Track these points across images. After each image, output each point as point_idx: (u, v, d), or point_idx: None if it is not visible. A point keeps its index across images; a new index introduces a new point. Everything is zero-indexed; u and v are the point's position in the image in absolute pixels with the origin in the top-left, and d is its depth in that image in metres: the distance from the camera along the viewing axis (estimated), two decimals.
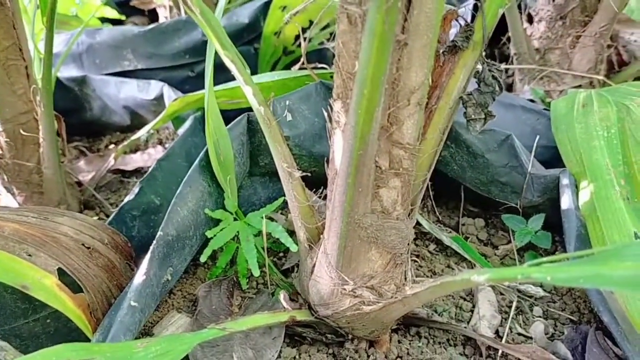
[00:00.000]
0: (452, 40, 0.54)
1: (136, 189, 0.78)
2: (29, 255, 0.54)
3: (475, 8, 0.53)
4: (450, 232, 0.79)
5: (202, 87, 1.17)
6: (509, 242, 0.78)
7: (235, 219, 0.67)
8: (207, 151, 0.68)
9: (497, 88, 0.54)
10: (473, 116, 0.55)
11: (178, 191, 0.62)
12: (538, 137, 0.77)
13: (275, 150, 0.60)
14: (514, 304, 0.68)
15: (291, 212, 0.63)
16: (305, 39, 0.98)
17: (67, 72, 1.16)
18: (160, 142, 1.12)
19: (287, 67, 1.27)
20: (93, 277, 0.58)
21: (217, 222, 0.67)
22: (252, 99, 0.57)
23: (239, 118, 0.73)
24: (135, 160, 1.06)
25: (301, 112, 0.77)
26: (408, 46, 0.48)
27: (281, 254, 0.75)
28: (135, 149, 1.12)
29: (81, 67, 1.16)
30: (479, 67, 0.55)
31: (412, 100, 0.51)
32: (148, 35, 1.12)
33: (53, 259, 0.55)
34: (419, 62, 0.49)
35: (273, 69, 1.26)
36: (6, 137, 0.85)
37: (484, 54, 0.54)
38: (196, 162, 0.67)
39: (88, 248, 0.60)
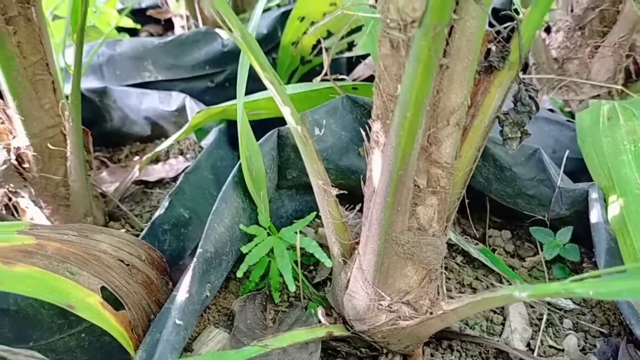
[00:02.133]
0: (488, 60, 0.55)
1: (166, 203, 0.79)
2: (72, 274, 0.55)
3: (512, 29, 0.54)
4: (477, 243, 0.80)
5: (222, 98, 1.18)
6: (536, 253, 0.79)
7: (268, 234, 0.67)
8: (239, 167, 0.69)
9: (533, 108, 0.54)
10: (510, 135, 0.56)
11: (214, 208, 0.63)
12: (568, 151, 0.77)
13: (311, 167, 0.61)
14: (545, 317, 0.69)
15: (325, 228, 0.64)
16: (324, 49, 0.98)
17: (88, 83, 1.17)
18: (182, 153, 1.12)
19: (305, 76, 1.28)
20: (133, 294, 0.59)
21: (250, 237, 0.68)
22: (290, 118, 0.58)
23: (269, 133, 0.74)
24: (158, 171, 1.07)
25: (328, 125, 0.78)
26: (449, 69, 0.49)
27: (311, 267, 0.76)
28: (156, 159, 1.13)
29: (102, 79, 1.17)
30: (515, 86, 0.56)
31: (451, 121, 0.52)
32: (168, 47, 1.13)
33: (96, 277, 0.56)
34: (459, 84, 0.50)
35: (290, 78, 1.27)
36: (34, 151, 0.86)
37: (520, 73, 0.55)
38: (230, 178, 0.68)
39: (127, 265, 0.61)
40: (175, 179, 1.07)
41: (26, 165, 0.88)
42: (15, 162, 0.87)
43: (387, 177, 0.51)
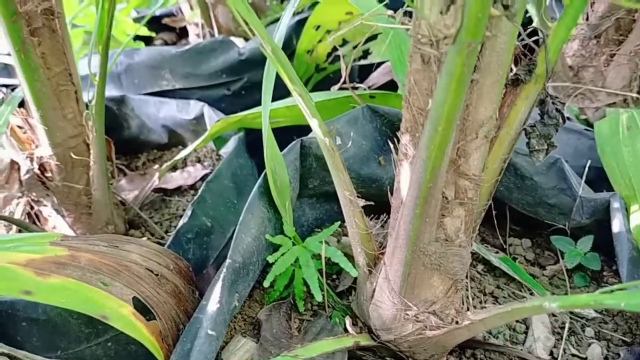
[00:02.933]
0: (515, 73, 0.56)
1: (189, 212, 0.80)
2: (105, 284, 0.56)
3: (535, 38, 0.55)
4: (497, 252, 0.81)
5: (238, 105, 1.19)
6: (556, 262, 0.80)
7: (293, 244, 0.68)
8: (264, 177, 0.70)
9: (560, 120, 0.55)
10: (536, 147, 0.56)
11: (241, 218, 0.64)
12: (589, 161, 0.78)
13: (338, 178, 0.62)
14: (567, 325, 0.69)
15: (350, 238, 0.65)
16: (342, 58, 1.00)
17: (106, 92, 1.17)
18: (199, 160, 1.13)
19: (319, 83, 1.29)
20: (163, 304, 0.60)
21: (275, 246, 0.68)
22: (317, 130, 0.59)
23: (292, 144, 0.75)
24: (176, 179, 1.08)
25: (349, 135, 0.79)
26: (479, 83, 0.50)
27: (334, 275, 0.77)
28: (174, 167, 1.14)
29: (120, 87, 1.19)
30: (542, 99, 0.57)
31: (480, 134, 0.52)
32: (185, 56, 1.14)
33: (127, 288, 0.57)
34: (488, 98, 0.51)
35: (305, 85, 1.28)
36: (57, 160, 0.87)
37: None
38: (255, 188, 0.69)
39: (156, 275, 0.62)
40: (193, 186, 1.08)
41: (49, 174, 0.89)
42: (38, 172, 0.88)
43: (415, 189, 0.52)
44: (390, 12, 0.93)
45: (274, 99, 0.92)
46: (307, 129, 0.82)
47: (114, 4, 0.74)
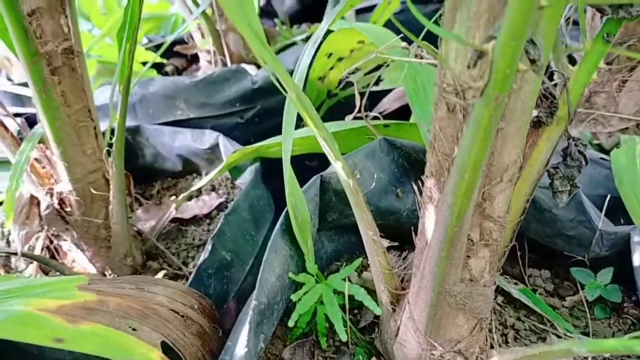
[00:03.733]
0: (537, 115, 0.57)
1: (209, 247, 0.81)
2: (134, 329, 0.56)
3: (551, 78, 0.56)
4: (517, 283, 0.81)
5: (251, 133, 1.21)
6: (575, 292, 0.80)
7: (316, 281, 0.69)
8: (286, 214, 0.70)
9: (583, 162, 0.56)
10: (560, 188, 0.57)
11: (265, 258, 0.65)
12: (609, 196, 0.78)
13: (361, 218, 0.62)
14: (590, 359, 0.69)
15: (374, 276, 0.65)
16: (356, 89, 1.01)
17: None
18: (214, 189, 1.14)
19: (330, 109, 1.30)
20: (190, 346, 0.60)
21: (298, 284, 0.69)
22: (341, 172, 0.59)
23: (312, 180, 0.76)
24: (191, 208, 1.09)
25: (367, 168, 0.80)
26: (503, 130, 0.50)
27: (355, 310, 0.77)
28: (189, 196, 1.14)
29: (135, 117, 1.20)
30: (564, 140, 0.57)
31: (504, 178, 0.53)
32: (200, 85, 1.16)
33: (155, 332, 0.58)
34: (512, 143, 0.51)
35: (317, 111, 1.28)
36: (76, 195, 0.88)
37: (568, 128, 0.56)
38: (277, 226, 0.69)
39: (182, 316, 0.63)
40: (208, 215, 1.09)
41: (68, 209, 0.90)
42: (58, 207, 0.89)
43: (441, 233, 0.52)
44: (404, 44, 0.95)
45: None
46: (318, 155, 0.83)
47: (135, 46, 0.76)
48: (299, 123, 1.15)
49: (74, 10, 0.82)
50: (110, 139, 0.85)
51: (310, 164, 1.19)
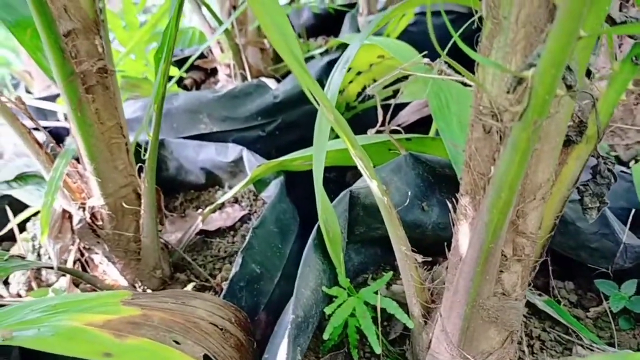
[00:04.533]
0: (567, 134, 0.58)
1: (239, 260, 0.83)
2: (177, 343, 0.58)
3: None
4: (541, 294, 0.83)
5: (272, 145, 1.23)
6: (599, 304, 0.81)
7: (349, 295, 0.71)
8: (317, 230, 0.72)
9: (612, 180, 0.57)
10: (589, 205, 0.59)
11: (299, 272, 0.66)
12: (633, 210, 0.80)
13: (394, 234, 0.64)
14: None
15: (406, 290, 0.67)
16: (378, 105, 1.03)
17: (145, 136, 1.21)
18: (236, 201, 1.16)
19: (349, 122, 1.32)
20: (229, 359, 0.62)
21: (330, 297, 0.71)
22: (376, 190, 0.61)
23: (342, 195, 0.78)
24: (216, 220, 1.11)
25: (394, 183, 0.82)
26: (538, 150, 0.52)
27: (385, 322, 0.79)
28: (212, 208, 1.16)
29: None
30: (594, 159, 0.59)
31: (537, 196, 0.55)
32: (223, 100, 1.18)
33: (198, 345, 0.59)
34: (546, 162, 0.53)
35: None
36: (108, 209, 0.90)
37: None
38: (310, 241, 0.71)
39: (221, 329, 0.65)
40: (232, 227, 1.11)
41: (100, 222, 0.92)
42: (90, 221, 0.91)
43: (476, 249, 0.54)
44: (426, 60, 0.97)
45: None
46: (335, 167, 0.84)
47: (169, 66, 0.78)
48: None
49: (107, 30, 0.85)
50: (142, 154, 0.87)
51: (329, 175, 1.22)
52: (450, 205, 0.60)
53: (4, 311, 0.60)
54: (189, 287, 0.92)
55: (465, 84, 0.93)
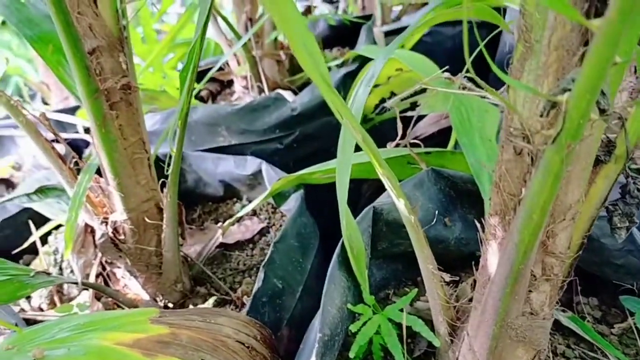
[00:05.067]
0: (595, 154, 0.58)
1: (261, 275, 0.83)
2: None
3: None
4: (565, 310, 0.82)
5: (290, 158, 1.23)
6: (623, 320, 0.81)
7: (374, 312, 0.71)
8: (342, 246, 0.73)
9: None
10: (619, 225, 0.58)
11: (325, 289, 0.67)
12: None
13: (421, 253, 0.64)
14: None
15: (432, 308, 0.67)
16: (398, 118, 1.03)
17: (164, 148, 1.22)
18: (255, 213, 1.17)
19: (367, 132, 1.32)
20: None
21: (354, 314, 0.71)
22: (403, 209, 0.61)
23: (365, 211, 0.78)
24: (234, 233, 1.12)
25: (416, 198, 0.82)
26: (568, 171, 0.52)
27: (408, 340, 0.78)
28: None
29: None
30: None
31: (567, 216, 0.55)
32: (241, 113, 1.19)
33: None
34: (576, 183, 0.53)
35: None
36: (130, 224, 0.91)
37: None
38: (334, 258, 0.71)
39: (247, 347, 0.65)
40: (251, 240, 1.11)
41: (121, 237, 0.93)
42: (112, 235, 0.92)
43: (506, 269, 0.54)
44: (447, 74, 0.97)
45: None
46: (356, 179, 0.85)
47: (193, 84, 0.79)
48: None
49: (130, 47, 0.86)
50: (164, 169, 0.88)
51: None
52: (478, 225, 0.60)
53: (34, 329, 0.61)
54: (210, 301, 0.93)
55: (483, 96, 0.92)
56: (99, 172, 0.90)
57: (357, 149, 0.69)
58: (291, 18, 0.50)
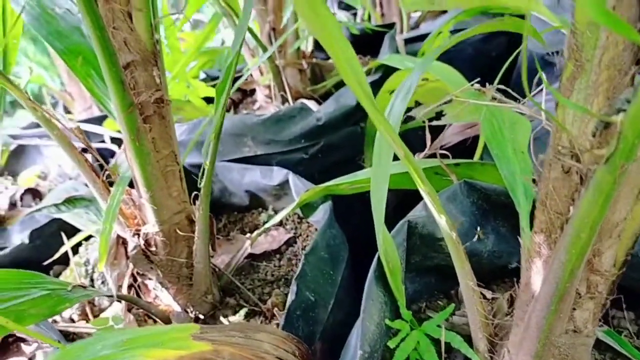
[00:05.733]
0: None
1: (294, 288, 0.83)
2: None
3: None
4: (601, 324, 0.81)
5: (315, 167, 1.23)
6: None
7: (411, 328, 0.70)
8: (378, 261, 0.72)
9: None
10: None
11: (363, 306, 0.66)
12: None
13: (461, 269, 0.64)
14: None
15: (471, 324, 0.67)
16: (427, 130, 1.03)
17: (191, 159, 1.23)
18: (281, 224, 1.17)
19: None
20: None
21: (392, 329, 0.71)
22: (444, 225, 0.61)
23: (400, 225, 0.78)
24: (261, 243, 1.12)
25: (449, 211, 0.81)
26: (617, 190, 0.52)
27: (444, 355, 0.78)
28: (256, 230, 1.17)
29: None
30: None
31: (614, 235, 0.54)
32: (267, 123, 1.19)
33: None
34: (624, 201, 0.53)
35: None
36: (162, 236, 0.91)
37: None
38: (370, 273, 0.71)
39: None
40: (278, 250, 1.11)
41: (153, 248, 0.93)
42: (144, 247, 0.93)
43: (551, 287, 0.54)
44: (477, 85, 0.96)
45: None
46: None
47: (227, 99, 0.79)
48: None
49: (163, 61, 0.87)
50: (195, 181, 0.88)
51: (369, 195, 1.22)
52: (521, 242, 0.60)
53: (76, 346, 0.61)
54: (242, 312, 0.93)
55: (516, 110, 0.92)
56: (130, 184, 0.91)
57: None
58: (335, 38, 0.50)
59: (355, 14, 2.38)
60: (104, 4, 0.77)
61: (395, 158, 0.68)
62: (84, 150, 1.12)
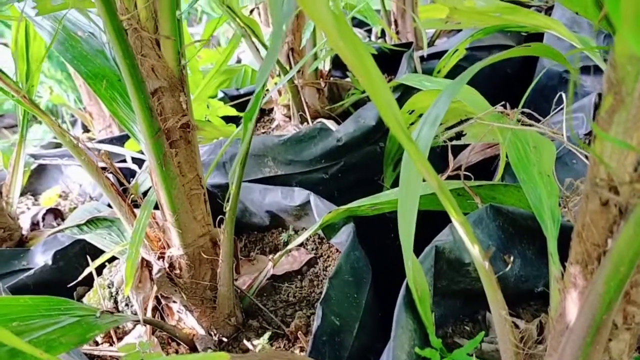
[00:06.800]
0: None
1: (319, 312, 0.83)
2: None
3: None
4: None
5: (334, 186, 1.24)
6: None
7: (441, 356, 0.70)
8: (406, 288, 0.72)
9: None
10: None
11: (393, 334, 0.66)
12: None
13: (493, 297, 0.64)
14: None
15: (502, 353, 0.66)
16: (449, 148, 1.03)
17: (211, 179, 1.24)
18: (302, 244, 1.17)
19: None
20: None
21: (421, 357, 0.70)
22: (477, 255, 0.61)
23: (427, 250, 0.78)
24: (282, 264, 1.12)
25: (476, 236, 0.81)
26: None
27: None
28: (277, 250, 1.17)
29: (224, 175, 1.24)
30: None
31: None
32: (287, 144, 1.20)
33: None
34: None
35: (396, 165, 1.31)
36: (187, 259, 0.92)
37: None
38: (399, 300, 0.71)
39: None
40: (299, 271, 1.11)
41: (177, 271, 0.94)
42: (168, 270, 0.93)
43: (588, 319, 0.53)
44: (500, 107, 0.97)
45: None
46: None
47: (254, 125, 0.79)
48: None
49: (189, 86, 0.87)
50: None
51: (390, 215, 1.22)
52: (555, 273, 0.60)
53: None
54: (265, 336, 0.93)
55: (540, 132, 0.92)
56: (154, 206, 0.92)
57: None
58: (373, 75, 0.50)
59: (369, 30, 2.40)
60: (132, 32, 0.78)
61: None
62: (104, 169, 1.13)
